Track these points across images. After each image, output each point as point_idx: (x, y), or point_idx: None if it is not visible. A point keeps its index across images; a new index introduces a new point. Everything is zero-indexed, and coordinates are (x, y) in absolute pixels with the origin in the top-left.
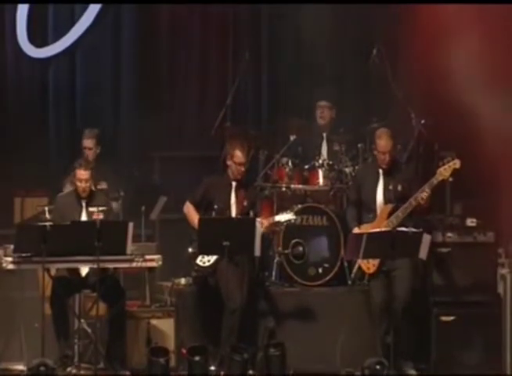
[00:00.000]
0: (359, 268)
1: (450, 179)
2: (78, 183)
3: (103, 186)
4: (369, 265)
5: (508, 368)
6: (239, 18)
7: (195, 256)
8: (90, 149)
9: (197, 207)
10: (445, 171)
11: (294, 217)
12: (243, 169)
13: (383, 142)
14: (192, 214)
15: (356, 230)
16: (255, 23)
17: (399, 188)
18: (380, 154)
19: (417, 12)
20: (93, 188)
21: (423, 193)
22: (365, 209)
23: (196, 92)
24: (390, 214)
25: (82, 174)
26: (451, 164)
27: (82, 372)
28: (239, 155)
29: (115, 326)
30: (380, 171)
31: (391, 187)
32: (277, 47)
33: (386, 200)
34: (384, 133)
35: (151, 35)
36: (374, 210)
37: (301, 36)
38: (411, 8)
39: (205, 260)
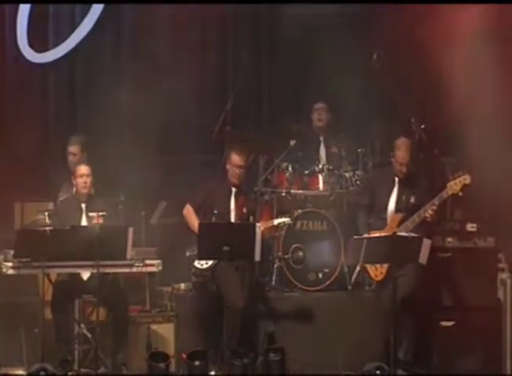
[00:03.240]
0: (359, 273)
1: (460, 194)
2: (79, 179)
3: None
4: (377, 272)
5: (508, 373)
6: (239, 21)
7: (193, 259)
8: (74, 154)
9: (197, 211)
10: (455, 186)
11: (290, 221)
12: (237, 171)
13: (401, 153)
14: (191, 217)
15: (366, 236)
16: (255, 26)
17: (412, 200)
18: (398, 165)
19: (418, 16)
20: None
21: (432, 207)
22: (375, 215)
23: (196, 95)
24: (400, 223)
25: (83, 169)
26: (461, 178)
27: None
28: (235, 158)
29: (116, 330)
30: (396, 179)
31: (404, 197)
32: (278, 50)
33: (397, 210)
34: (403, 144)
35: (151, 39)
36: (385, 217)
37: (301, 39)
38: (411, 12)
39: (203, 262)
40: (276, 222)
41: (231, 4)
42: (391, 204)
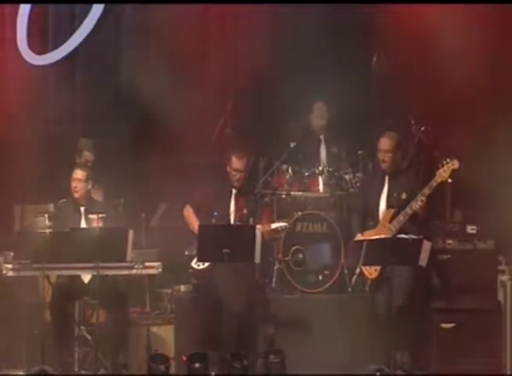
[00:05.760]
0: (359, 275)
1: (449, 180)
2: (72, 183)
3: (98, 195)
4: (371, 270)
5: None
6: (239, 20)
7: (191, 258)
8: (91, 162)
9: (197, 212)
10: (444, 173)
11: (288, 225)
12: (237, 176)
13: (386, 140)
14: (191, 218)
15: (359, 237)
16: (256, 26)
17: (403, 196)
18: (382, 153)
19: (418, 18)
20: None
21: (422, 196)
22: (368, 215)
23: (197, 97)
24: (392, 219)
25: (79, 174)
26: (450, 164)
27: None
28: (235, 161)
29: (116, 331)
30: (386, 177)
31: (395, 194)
32: (277, 51)
33: (389, 206)
34: (386, 133)
35: (151, 39)
36: (377, 216)
37: (301, 41)
38: (411, 13)
39: (200, 262)
40: (274, 226)
41: (231, 4)
42: (383, 202)
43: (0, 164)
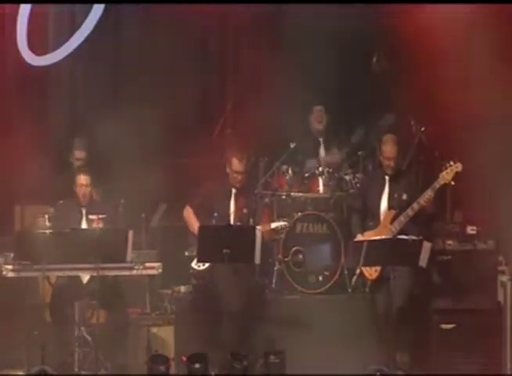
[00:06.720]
0: (359, 276)
1: (452, 183)
2: (78, 188)
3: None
4: (371, 271)
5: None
6: (239, 21)
7: (191, 259)
8: (82, 160)
9: (197, 212)
10: (447, 175)
11: (287, 225)
12: (239, 178)
13: (388, 147)
14: (191, 219)
15: (359, 237)
16: (256, 26)
17: (404, 197)
18: (385, 160)
19: (418, 19)
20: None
21: (426, 197)
22: (368, 216)
23: (197, 97)
24: (393, 220)
25: (83, 179)
26: (453, 167)
27: None
28: (235, 163)
29: (116, 332)
30: (386, 177)
31: (396, 195)
32: (277, 51)
33: (390, 207)
34: (389, 139)
35: (151, 41)
36: (378, 216)
37: (301, 42)
38: (411, 14)
39: (200, 263)
40: (274, 225)
41: (231, 4)
42: (384, 203)
43: (0, 164)
